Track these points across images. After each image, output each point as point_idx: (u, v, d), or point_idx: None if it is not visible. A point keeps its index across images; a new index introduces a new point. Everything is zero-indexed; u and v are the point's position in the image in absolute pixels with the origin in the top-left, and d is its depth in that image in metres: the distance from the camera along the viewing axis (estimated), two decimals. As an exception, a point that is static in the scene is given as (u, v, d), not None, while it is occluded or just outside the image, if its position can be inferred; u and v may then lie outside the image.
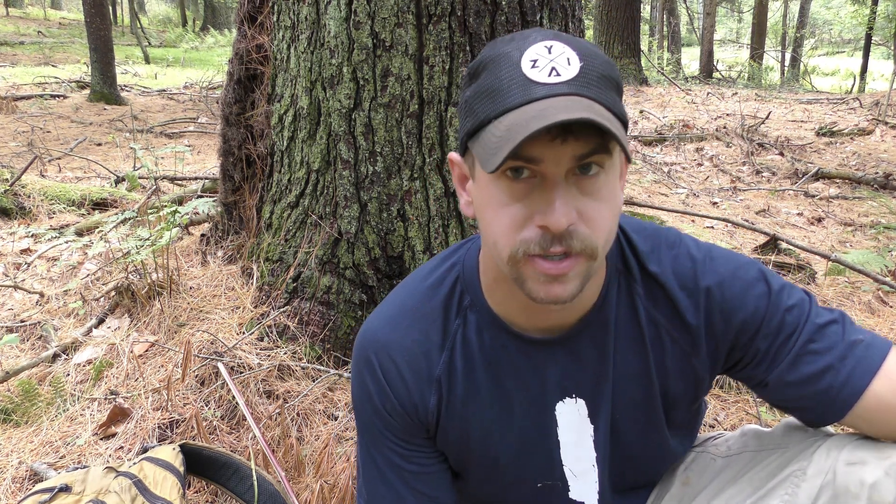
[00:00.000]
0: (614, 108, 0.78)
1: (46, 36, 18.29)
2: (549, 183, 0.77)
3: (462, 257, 1.01)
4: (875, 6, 15.58)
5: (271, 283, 2.12)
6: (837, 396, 0.90)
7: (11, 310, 2.47)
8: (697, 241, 0.99)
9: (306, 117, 2.02)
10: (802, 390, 0.92)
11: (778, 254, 3.16)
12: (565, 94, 0.76)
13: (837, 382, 0.90)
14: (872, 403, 0.89)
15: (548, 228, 0.77)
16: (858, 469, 0.87)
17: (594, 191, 0.79)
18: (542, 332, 0.96)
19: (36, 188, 3.79)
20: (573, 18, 2.02)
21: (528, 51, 0.79)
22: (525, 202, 0.79)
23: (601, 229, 0.80)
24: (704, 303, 0.93)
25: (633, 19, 11.24)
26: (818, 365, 0.90)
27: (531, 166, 0.78)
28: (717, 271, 0.94)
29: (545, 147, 0.76)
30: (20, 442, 1.77)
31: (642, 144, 6.33)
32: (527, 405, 0.99)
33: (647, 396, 0.98)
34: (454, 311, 0.99)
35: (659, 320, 0.95)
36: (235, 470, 1.54)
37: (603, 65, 0.80)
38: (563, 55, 0.78)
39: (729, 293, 0.93)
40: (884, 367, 0.90)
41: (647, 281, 0.96)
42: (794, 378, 0.91)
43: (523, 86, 0.77)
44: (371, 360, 0.99)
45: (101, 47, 8.50)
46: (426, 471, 1.03)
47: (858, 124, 7.36)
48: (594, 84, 0.77)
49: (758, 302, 0.92)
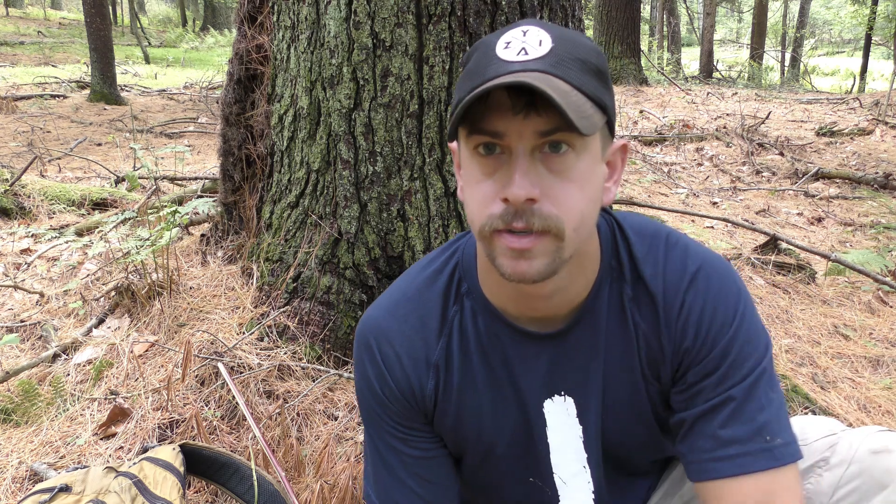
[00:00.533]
0: (584, 88, 0.78)
1: (46, 36, 18.29)
2: (513, 157, 0.79)
3: (463, 245, 1.03)
4: (875, 6, 15.58)
5: (271, 283, 2.12)
6: (701, 461, 0.90)
7: (11, 310, 2.47)
8: (698, 246, 0.97)
9: (306, 117, 2.02)
10: (688, 437, 0.92)
11: (778, 254, 3.16)
12: (529, 70, 0.77)
13: (709, 451, 0.89)
14: (713, 497, 0.88)
15: (508, 201, 0.79)
16: (884, 457, 0.88)
17: (562, 170, 0.80)
18: (534, 324, 0.96)
19: (36, 188, 3.79)
20: (573, 18, 2.02)
21: (505, 35, 0.82)
22: (494, 178, 0.81)
23: (569, 210, 0.80)
24: (681, 324, 0.92)
25: (633, 19, 11.23)
26: (711, 428, 0.89)
27: (497, 141, 0.80)
28: (702, 289, 0.92)
29: (508, 121, 0.78)
30: (20, 442, 1.77)
31: (642, 144, 6.33)
32: (516, 397, 0.99)
33: (635, 395, 0.98)
34: (452, 298, 1.00)
35: (640, 324, 0.95)
36: (235, 470, 1.54)
37: (581, 50, 0.81)
38: (537, 37, 0.80)
39: (706, 318, 0.91)
40: (764, 475, 0.87)
41: (636, 283, 0.95)
42: (698, 422, 0.91)
43: (495, 64, 0.79)
44: (371, 346, 1.01)
45: (101, 47, 8.50)
46: (427, 455, 1.04)
47: (858, 124, 7.36)
48: (564, 64, 0.78)
49: (722, 335, 0.91)
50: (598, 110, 0.80)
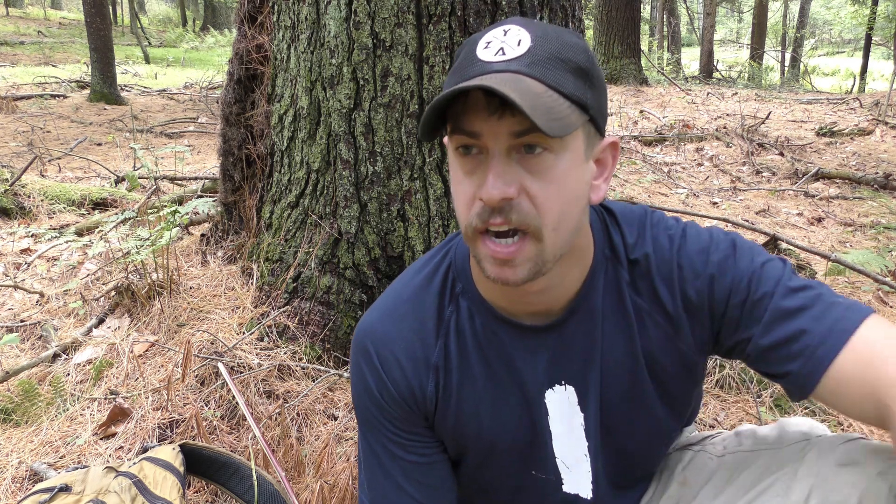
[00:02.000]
0: (562, 88, 0.79)
1: (46, 36, 18.29)
2: (489, 157, 0.80)
3: (455, 245, 1.03)
4: (875, 6, 15.58)
5: (271, 283, 2.12)
6: (812, 357, 0.85)
7: (11, 310, 2.47)
8: (678, 219, 1.00)
9: (306, 117, 2.02)
10: (779, 354, 0.88)
11: (778, 254, 3.16)
12: (501, 70, 0.78)
13: (813, 343, 0.85)
14: (847, 366, 0.83)
15: (483, 200, 0.80)
16: (850, 471, 0.86)
17: (540, 171, 0.80)
18: (530, 318, 0.97)
19: (36, 188, 3.79)
20: (573, 18, 2.02)
21: (487, 34, 0.82)
22: (473, 178, 0.82)
23: (547, 210, 0.81)
24: (679, 283, 0.94)
25: (634, 19, 11.22)
26: (791, 327, 0.87)
27: (474, 141, 0.81)
28: (687, 246, 0.94)
29: (483, 122, 0.79)
30: (20, 442, 1.77)
31: (642, 144, 6.32)
32: (518, 392, 1.00)
33: (635, 381, 0.98)
34: (447, 298, 1.00)
35: (642, 305, 0.96)
36: (235, 470, 1.54)
37: (562, 48, 0.81)
38: (516, 37, 0.80)
39: (698, 265, 0.93)
40: (861, 329, 0.84)
41: (631, 267, 0.97)
42: (768, 342, 0.88)
43: (472, 65, 0.80)
44: (369, 351, 1.01)
45: (101, 47, 8.50)
46: (425, 461, 1.04)
47: (858, 124, 7.36)
48: (539, 63, 0.79)
49: (727, 269, 0.92)
50: (578, 109, 0.80)
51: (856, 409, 0.84)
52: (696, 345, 0.97)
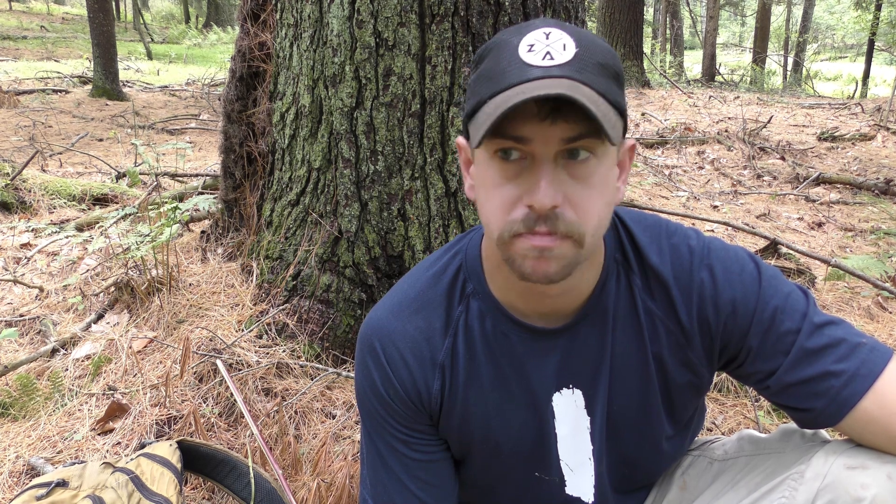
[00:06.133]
0: (608, 94, 0.78)
1: (49, 31, 18.30)
2: (538, 163, 0.79)
3: (465, 245, 1.03)
4: (878, 11, 15.57)
5: (271, 280, 2.12)
6: (836, 399, 0.89)
7: (10, 304, 2.47)
8: (699, 232, 0.99)
9: (308, 115, 2.02)
10: (803, 391, 0.91)
11: (778, 258, 3.16)
12: (556, 76, 0.77)
13: (838, 384, 0.88)
14: (872, 408, 0.87)
15: (533, 208, 0.79)
16: (859, 473, 0.86)
17: (584, 176, 0.80)
18: (543, 320, 0.96)
19: (37, 183, 3.79)
20: (576, 20, 2.02)
21: (527, 36, 0.81)
22: (515, 183, 0.81)
23: (589, 216, 0.81)
24: (697, 298, 0.94)
25: (637, 22, 11.23)
26: (818, 368, 0.89)
27: (521, 146, 0.79)
28: (712, 264, 0.94)
29: (534, 127, 0.77)
30: (17, 436, 1.77)
31: (644, 147, 6.32)
32: (525, 394, 0.99)
33: (644, 387, 0.98)
34: (457, 298, 1.00)
35: (655, 311, 0.96)
36: (233, 467, 1.54)
37: (602, 53, 0.80)
38: (560, 41, 0.79)
39: (721, 285, 0.93)
40: (885, 373, 0.88)
41: (644, 272, 0.96)
42: (793, 379, 0.91)
43: (518, 68, 0.78)
44: (375, 348, 1.00)
45: (103, 43, 8.49)
46: (429, 459, 1.04)
47: (860, 129, 7.36)
48: (588, 70, 0.78)
49: (751, 294, 0.92)
50: (619, 117, 0.80)
51: (878, 446, 0.89)
52: (705, 358, 0.97)
